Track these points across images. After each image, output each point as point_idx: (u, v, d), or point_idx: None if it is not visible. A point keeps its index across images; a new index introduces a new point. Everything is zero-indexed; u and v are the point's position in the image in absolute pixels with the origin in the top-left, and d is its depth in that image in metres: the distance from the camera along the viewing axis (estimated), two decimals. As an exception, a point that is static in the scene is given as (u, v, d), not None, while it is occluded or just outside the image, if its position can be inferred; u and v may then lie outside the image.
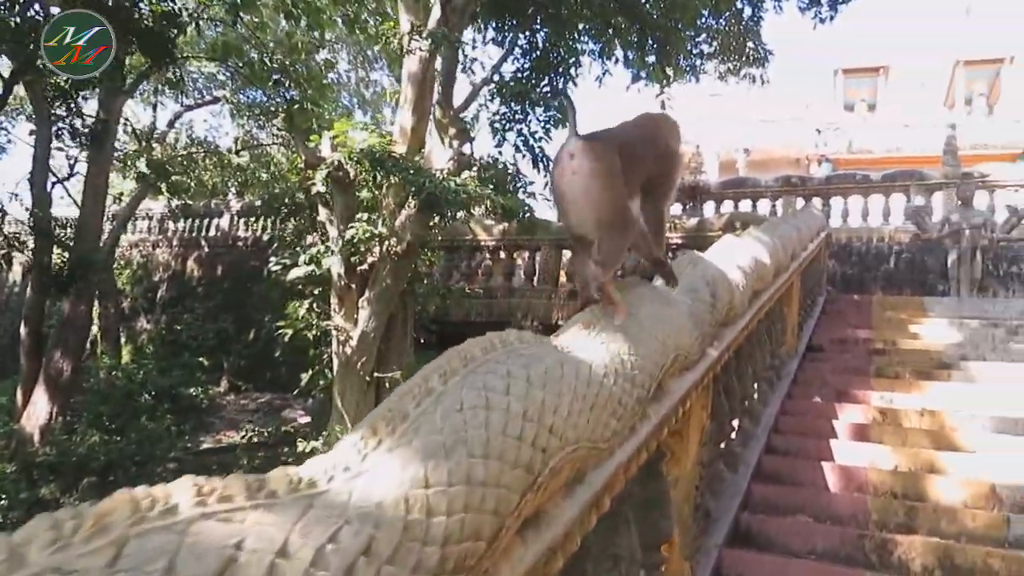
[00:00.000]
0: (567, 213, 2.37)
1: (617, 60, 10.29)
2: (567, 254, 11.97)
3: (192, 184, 23.32)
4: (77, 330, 15.26)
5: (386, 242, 7.91)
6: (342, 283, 8.23)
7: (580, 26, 8.96)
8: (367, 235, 7.19)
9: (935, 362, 6.48)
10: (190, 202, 21.07)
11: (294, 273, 7.87)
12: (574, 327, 2.13)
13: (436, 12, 8.23)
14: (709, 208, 15.39)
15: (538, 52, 9.84)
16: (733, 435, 4.22)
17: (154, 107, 23.37)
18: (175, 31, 8.78)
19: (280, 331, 8.41)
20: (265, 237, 14.40)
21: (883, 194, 13.47)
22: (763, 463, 4.32)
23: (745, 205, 15.20)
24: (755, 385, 4.93)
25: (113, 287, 20.27)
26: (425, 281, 9.58)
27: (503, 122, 8.64)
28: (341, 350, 8.34)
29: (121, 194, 25.54)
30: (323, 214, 8.54)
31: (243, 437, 14.28)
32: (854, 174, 14.42)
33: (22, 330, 15.65)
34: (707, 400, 3.32)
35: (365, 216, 7.56)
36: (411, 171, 7.04)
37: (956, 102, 24.77)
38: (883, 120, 24.47)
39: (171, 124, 22.70)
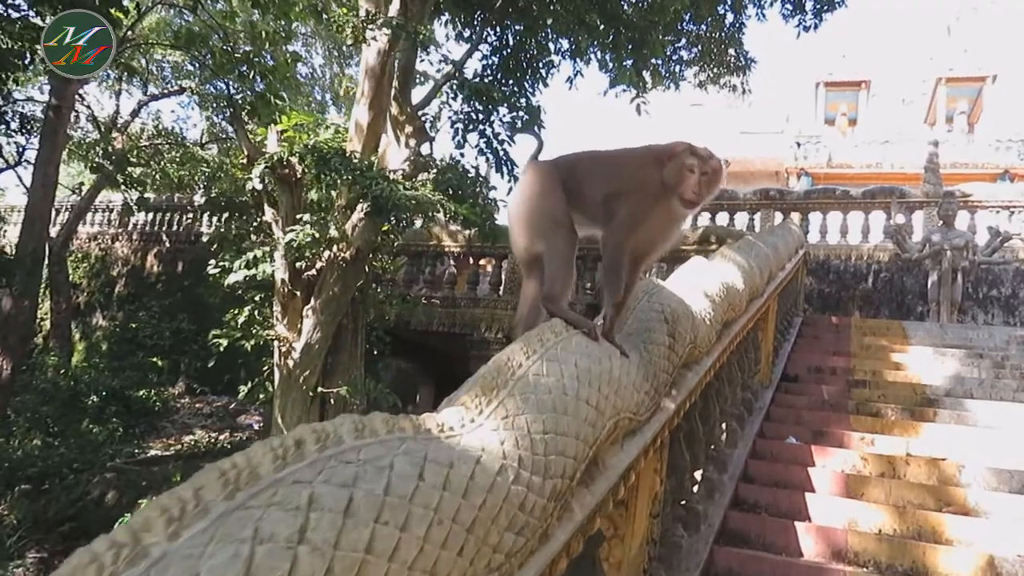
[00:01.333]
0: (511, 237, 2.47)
1: (590, 61, 9.74)
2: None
3: (157, 176, 22.60)
4: (18, 327, 14.43)
5: (334, 247, 7.28)
6: (285, 290, 7.59)
7: (551, 22, 8.39)
8: (306, 239, 6.56)
9: (920, 398, 5.97)
10: (150, 195, 20.26)
11: (232, 277, 7.22)
12: (465, 396, 1.55)
13: (396, 1, 7.64)
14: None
15: (509, 49, 9.27)
16: (695, 488, 3.66)
17: (117, 95, 22.56)
18: (113, 10, 8.11)
19: (214, 340, 7.76)
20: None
21: (863, 211, 13.08)
22: (729, 520, 3.76)
23: (722, 218, 14.83)
24: (723, 425, 4.38)
25: (66, 281, 19.42)
26: (380, 288, 8.93)
27: (465, 122, 8.05)
28: (283, 362, 7.71)
29: (81, 184, 24.77)
30: (269, 214, 7.90)
31: (181, 447, 13.59)
32: (834, 189, 14.03)
33: (-40, 325, 14.82)
34: (661, 461, 2.75)
35: (307, 218, 6.91)
36: (358, 171, 6.42)
37: (937, 119, 24.55)
38: (864, 135, 24.20)
39: (135, 113, 21.91)
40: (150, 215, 20.77)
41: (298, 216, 7.27)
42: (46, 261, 18.90)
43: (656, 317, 2.63)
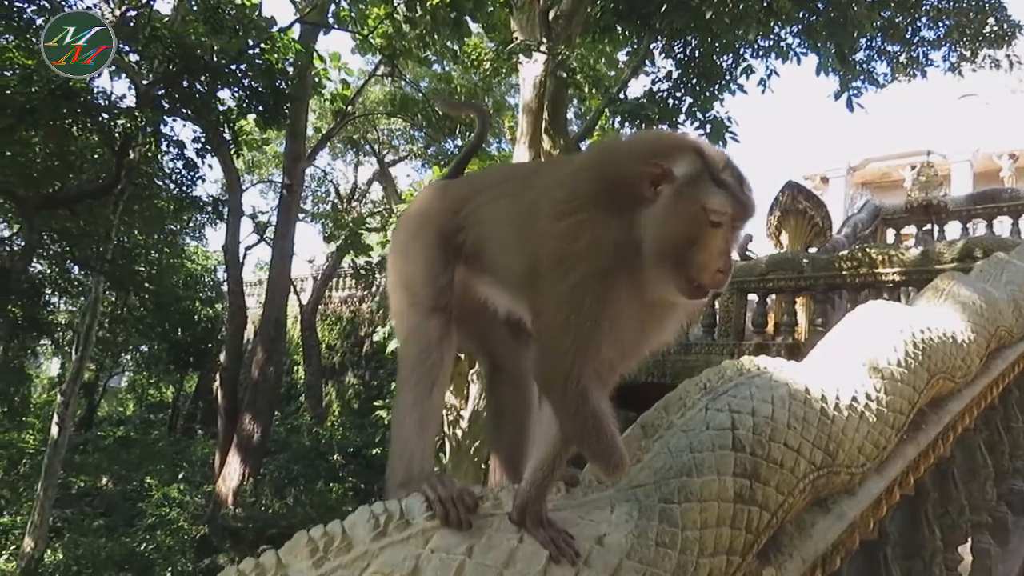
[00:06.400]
0: None
1: (787, 59, 8.20)
2: (752, 298, 10.00)
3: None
4: (266, 392, 15.45)
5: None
6: (449, 353, 6.97)
7: (730, 21, 7.07)
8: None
9: None
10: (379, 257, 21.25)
11: (392, 345, 6.75)
12: None
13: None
14: (954, 230, 12.59)
15: (695, 58, 8.08)
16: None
17: (355, 167, 24.28)
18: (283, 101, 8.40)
19: (376, 412, 7.34)
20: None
21: None
22: None
23: (1004, 226, 12.24)
24: (962, 547, 2.88)
25: (316, 344, 20.80)
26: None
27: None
28: (451, 431, 7.07)
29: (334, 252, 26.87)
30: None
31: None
32: None
33: (219, 393, 16.26)
34: None
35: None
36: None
37: None
38: None
39: (370, 182, 23.39)
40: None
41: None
42: (298, 326, 20.44)
43: (713, 441, 1.46)
